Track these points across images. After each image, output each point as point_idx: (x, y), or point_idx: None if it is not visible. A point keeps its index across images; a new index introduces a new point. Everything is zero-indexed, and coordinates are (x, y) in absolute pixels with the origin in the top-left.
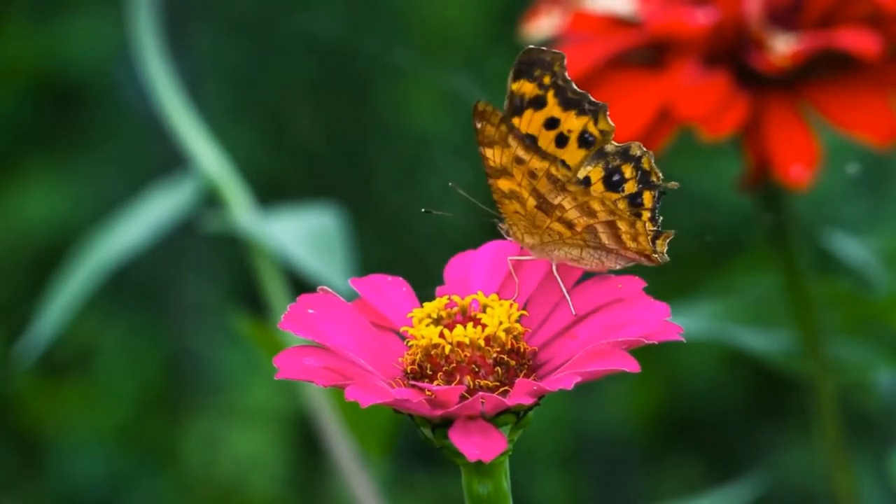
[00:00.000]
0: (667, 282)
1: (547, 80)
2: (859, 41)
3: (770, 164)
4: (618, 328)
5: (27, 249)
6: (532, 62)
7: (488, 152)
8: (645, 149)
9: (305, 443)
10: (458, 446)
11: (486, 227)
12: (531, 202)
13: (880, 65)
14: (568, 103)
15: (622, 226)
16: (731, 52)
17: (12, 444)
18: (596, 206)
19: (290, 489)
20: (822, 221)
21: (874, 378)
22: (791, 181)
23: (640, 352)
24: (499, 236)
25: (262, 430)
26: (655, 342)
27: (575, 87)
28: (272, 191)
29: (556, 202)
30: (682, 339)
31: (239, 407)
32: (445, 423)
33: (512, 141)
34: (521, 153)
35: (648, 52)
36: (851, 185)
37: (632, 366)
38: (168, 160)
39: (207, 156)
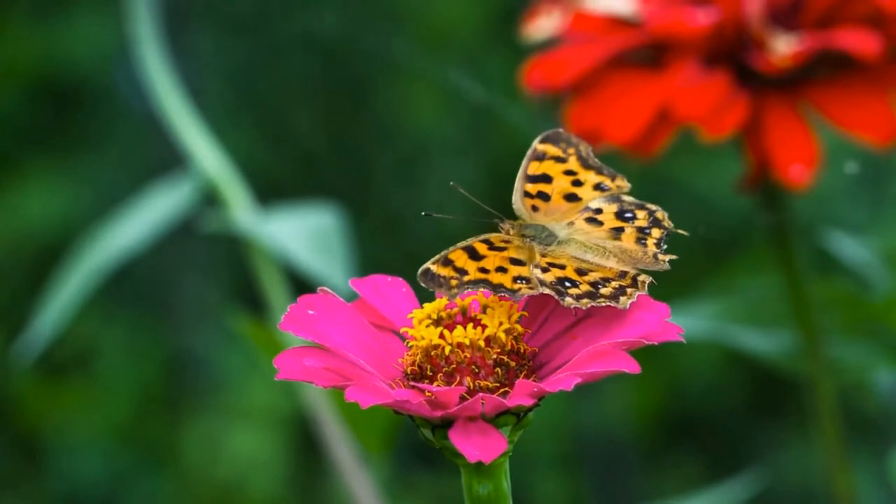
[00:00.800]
0: (667, 282)
1: (571, 150)
2: (859, 42)
3: (770, 165)
4: (618, 329)
5: (27, 249)
6: (558, 137)
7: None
8: (661, 209)
9: (305, 443)
10: (458, 447)
11: (485, 228)
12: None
13: (880, 65)
14: (587, 166)
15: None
16: (731, 53)
17: (12, 444)
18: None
19: (290, 489)
20: (822, 222)
21: (873, 378)
22: (791, 181)
23: (640, 352)
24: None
25: (262, 430)
26: (656, 343)
27: (596, 159)
28: (272, 190)
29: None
30: (683, 340)
31: (239, 407)
32: (445, 424)
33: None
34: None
35: (648, 53)
36: (851, 186)
37: (632, 366)
38: (167, 160)
39: (207, 155)
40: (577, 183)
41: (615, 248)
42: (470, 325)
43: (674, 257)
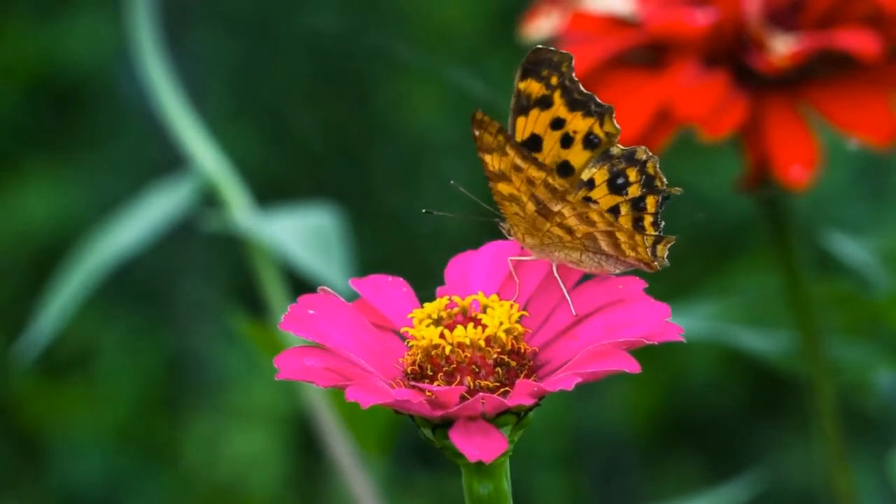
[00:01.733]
0: (667, 282)
1: (554, 80)
2: (859, 42)
3: (770, 165)
4: (618, 328)
5: (27, 249)
6: (540, 62)
7: (487, 157)
8: (650, 153)
9: (305, 443)
10: (458, 447)
11: (486, 227)
12: (531, 206)
13: (880, 65)
14: (574, 104)
15: (621, 237)
16: (730, 53)
17: (12, 444)
18: (595, 217)
19: (290, 489)
20: (822, 221)
21: (873, 378)
22: (791, 181)
23: (640, 352)
24: (499, 236)
25: (262, 430)
26: (656, 343)
27: (582, 88)
28: (271, 190)
29: (555, 209)
30: (683, 340)
31: (239, 407)
32: (446, 424)
33: (510, 150)
34: (518, 161)
35: (648, 53)
36: (851, 185)
37: (632, 366)
38: (167, 160)
39: (206, 155)
40: (567, 140)
41: (611, 246)
42: (470, 325)
43: (672, 240)
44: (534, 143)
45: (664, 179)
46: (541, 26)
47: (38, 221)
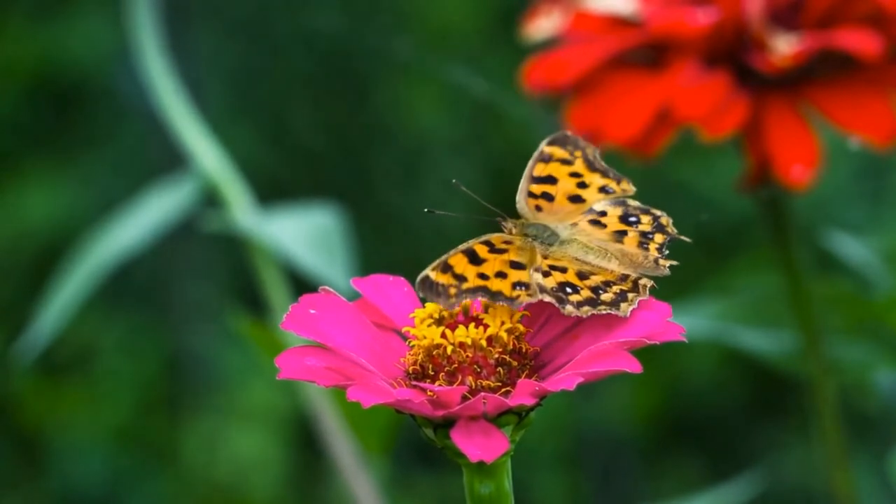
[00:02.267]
0: (668, 282)
1: (578, 153)
2: (860, 41)
3: (771, 165)
4: (620, 328)
5: (27, 249)
6: (566, 139)
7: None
8: (666, 214)
9: (306, 443)
10: (460, 447)
11: (486, 227)
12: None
13: (881, 65)
14: (593, 168)
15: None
16: (731, 53)
17: (12, 444)
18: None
19: (290, 489)
20: (823, 221)
21: (874, 378)
22: (792, 181)
23: (641, 352)
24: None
25: (263, 430)
26: (657, 342)
27: (602, 161)
28: (272, 190)
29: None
30: (684, 340)
31: (239, 407)
32: (447, 424)
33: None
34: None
35: (649, 53)
36: (851, 185)
37: (634, 366)
38: (168, 159)
39: (207, 155)
40: (582, 185)
41: (617, 250)
42: (472, 325)
43: (675, 263)
44: (549, 179)
45: (675, 230)
46: (542, 26)
47: (38, 221)
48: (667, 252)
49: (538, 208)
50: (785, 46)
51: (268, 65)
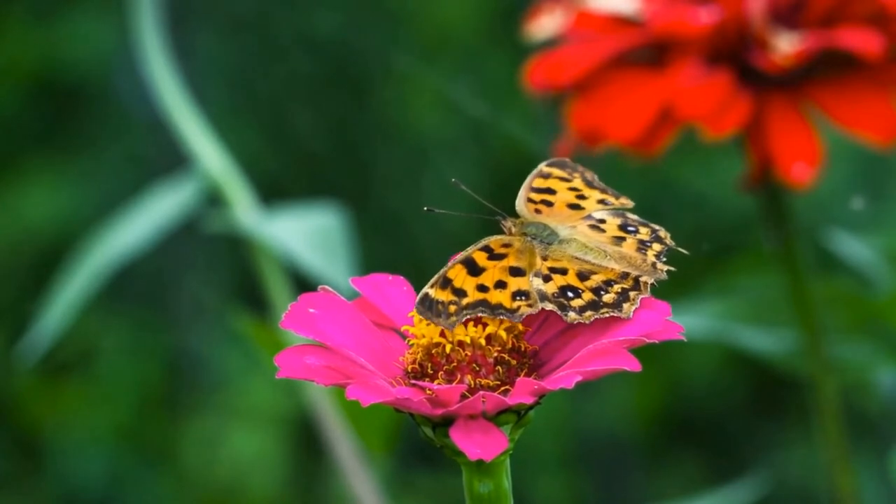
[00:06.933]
0: (668, 281)
1: (577, 175)
2: (862, 41)
3: (772, 164)
4: (619, 327)
5: (29, 249)
6: (564, 164)
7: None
8: (664, 229)
9: (306, 442)
10: (459, 445)
11: (486, 226)
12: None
13: (883, 64)
14: (591, 186)
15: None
16: (733, 52)
17: (12, 444)
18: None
19: (291, 489)
20: (824, 221)
21: (875, 378)
22: (793, 180)
23: (641, 351)
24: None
25: (263, 429)
26: (657, 341)
27: (601, 182)
28: (273, 190)
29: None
30: (684, 339)
31: (239, 407)
32: (446, 422)
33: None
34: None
35: (651, 52)
36: (853, 185)
37: (633, 365)
38: (170, 159)
39: (209, 155)
40: (581, 197)
41: (615, 252)
42: (471, 324)
43: (672, 269)
44: (548, 191)
45: (673, 242)
46: (544, 25)
47: (39, 222)
48: (664, 259)
49: (537, 212)
50: (787, 46)
51: (268, 65)
